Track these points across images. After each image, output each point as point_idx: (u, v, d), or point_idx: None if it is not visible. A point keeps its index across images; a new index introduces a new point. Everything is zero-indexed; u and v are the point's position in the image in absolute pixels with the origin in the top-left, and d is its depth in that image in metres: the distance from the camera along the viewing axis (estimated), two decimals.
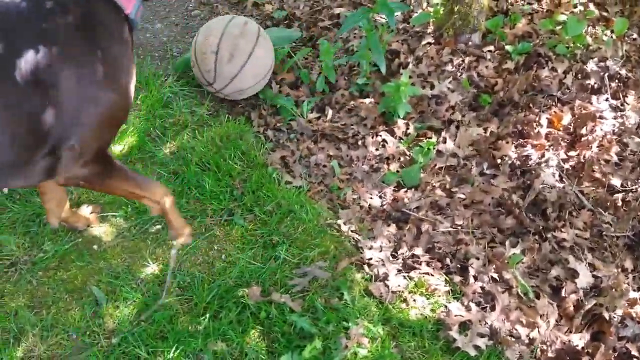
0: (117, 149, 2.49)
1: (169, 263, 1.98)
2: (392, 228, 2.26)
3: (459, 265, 2.14)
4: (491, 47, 2.93)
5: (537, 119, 2.58)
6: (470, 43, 2.92)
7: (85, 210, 2.19)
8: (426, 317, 1.96)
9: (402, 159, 2.55)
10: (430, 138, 2.58)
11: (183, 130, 2.63)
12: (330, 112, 2.75)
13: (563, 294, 2.03)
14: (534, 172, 2.38)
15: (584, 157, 2.42)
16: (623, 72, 2.75)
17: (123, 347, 1.80)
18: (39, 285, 1.98)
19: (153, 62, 3.12)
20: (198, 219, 2.23)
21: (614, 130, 2.54)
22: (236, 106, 2.85)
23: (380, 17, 3.13)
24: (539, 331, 1.93)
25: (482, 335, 1.90)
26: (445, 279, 2.08)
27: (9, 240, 2.07)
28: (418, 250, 2.17)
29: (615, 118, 2.59)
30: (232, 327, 1.87)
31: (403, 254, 2.17)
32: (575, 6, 3.06)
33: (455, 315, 1.94)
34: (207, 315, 1.89)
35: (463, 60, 2.84)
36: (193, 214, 2.24)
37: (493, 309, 1.99)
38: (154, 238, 2.16)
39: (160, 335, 1.84)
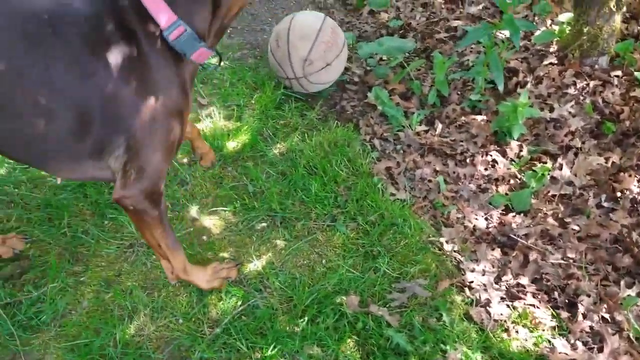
0: (231, 145, 2.60)
1: None
2: (497, 252, 2.20)
3: (567, 301, 2.04)
4: (619, 72, 2.76)
5: None
6: (596, 66, 2.77)
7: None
8: (528, 350, 1.88)
9: (512, 181, 2.47)
10: (545, 163, 2.47)
11: (293, 133, 2.69)
12: (439, 126, 2.71)
13: None
14: None
15: None
16: None
17: (225, 338, 1.88)
18: (152, 268, 2.11)
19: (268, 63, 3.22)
20: (302, 221, 2.28)
21: None
22: (345, 112, 2.88)
23: (501, 33, 3.04)
24: None
25: None
26: (552, 313, 1.98)
27: (130, 222, 2.22)
28: (524, 280, 2.09)
29: None
30: (328, 334, 1.89)
31: (507, 281, 2.10)
32: None
33: (560, 353, 1.85)
34: (306, 318, 1.92)
35: (587, 84, 2.70)
36: (297, 216, 2.29)
37: (601, 350, 1.88)
38: (259, 235, 2.24)
39: (260, 332, 1.90)
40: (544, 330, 1.93)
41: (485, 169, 2.53)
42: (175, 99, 1.55)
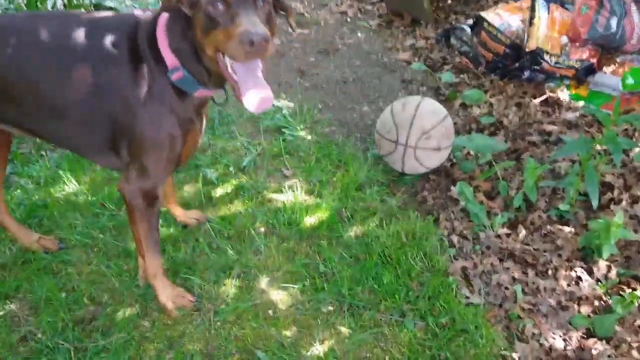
0: (308, 221, 2.62)
1: None
2: None
3: None
4: None
5: None
6: None
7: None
8: None
9: (596, 303, 2.31)
10: (635, 289, 2.31)
11: (371, 217, 2.68)
12: (523, 232, 2.61)
13: None
14: None
15: None
16: None
17: None
18: (215, 335, 2.11)
19: (355, 142, 3.27)
20: (370, 311, 2.22)
21: None
22: (426, 203, 2.84)
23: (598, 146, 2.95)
24: None
25: None
26: None
27: (201, 286, 2.25)
28: None
29: None
30: None
31: None
32: None
33: None
34: None
35: None
36: (365, 305, 2.24)
37: None
38: (324, 319, 2.20)
39: None
40: None
41: (568, 285, 2.39)
42: (174, 122, 1.82)
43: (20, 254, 2.33)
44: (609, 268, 2.42)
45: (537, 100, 3.49)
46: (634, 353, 2.12)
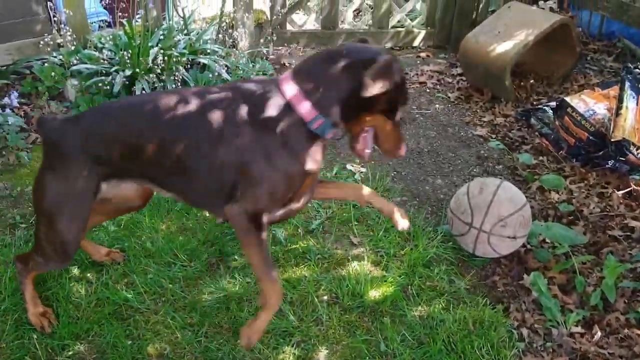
0: (372, 294, 2.58)
1: None
2: None
3: None
4: None
5: None
6: None
7: None
8: None
9: None
10: None
11: (438, 298, 2.61)
12: (598, 334, 2.46)
13: None
14: None
15: None
16: None
17: None
18: None
19: (426, 216, 3.23)
20: None
21: None
22: (496, 289, 2.74)
23: None
24: None
25: None
26: None
27: (260, 350, 2.25)
28: None
29: None
30: None
31: None
32: None
33: None
34: None
35: None
36: None
37: None
38: None
39: None
40: None
41: None
42: (299, 164, 1.94)
43: (95, 296, 2.41)
44: None
45: (621, 192, 3.35)
46: None
